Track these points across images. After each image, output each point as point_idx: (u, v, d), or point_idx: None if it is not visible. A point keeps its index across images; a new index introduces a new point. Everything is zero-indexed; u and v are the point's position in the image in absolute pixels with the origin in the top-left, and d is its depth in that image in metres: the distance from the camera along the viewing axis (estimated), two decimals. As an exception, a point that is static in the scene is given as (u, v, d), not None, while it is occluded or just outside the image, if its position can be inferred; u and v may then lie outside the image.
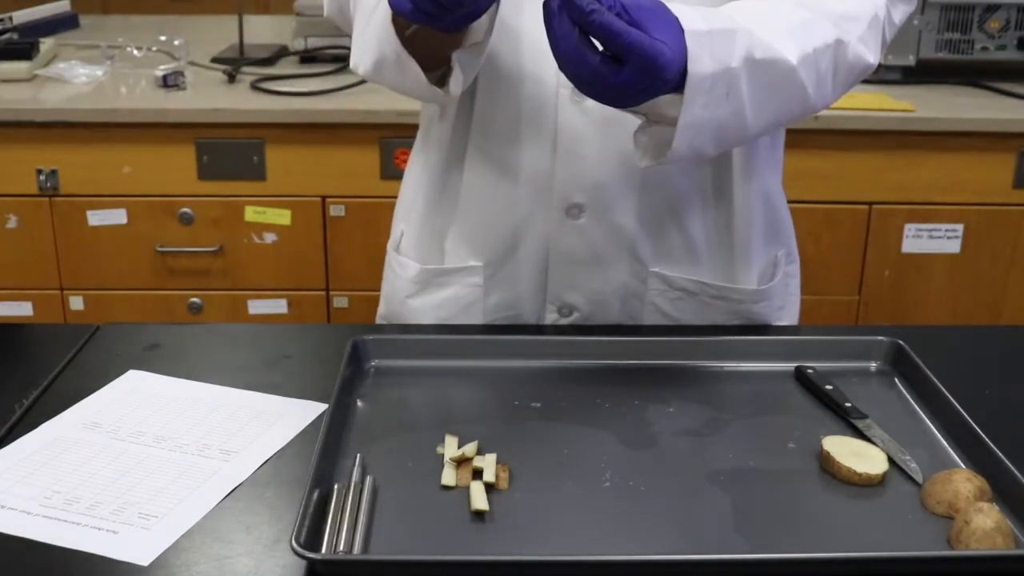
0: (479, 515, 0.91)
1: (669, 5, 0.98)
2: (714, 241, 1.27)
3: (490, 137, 1.22)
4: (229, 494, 0.95)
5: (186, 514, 0.92)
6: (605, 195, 1.22)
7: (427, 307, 1.31)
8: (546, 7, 0.93)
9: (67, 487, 0.95)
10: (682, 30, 0.97)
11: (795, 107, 1.10)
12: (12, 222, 2.39)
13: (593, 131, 1.19)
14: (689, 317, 1.28)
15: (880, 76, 2.58)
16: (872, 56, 1.13)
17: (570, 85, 1.04)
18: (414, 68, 1.10)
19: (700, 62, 0.98)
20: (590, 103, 1.15)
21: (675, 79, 0.97)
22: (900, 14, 1.18)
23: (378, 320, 1.41)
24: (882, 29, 1.15)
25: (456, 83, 1.12)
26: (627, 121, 1.10)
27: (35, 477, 0.97)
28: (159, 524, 0.90)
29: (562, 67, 0.95)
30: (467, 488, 0.94)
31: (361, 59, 1.15)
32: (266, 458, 1.01)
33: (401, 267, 1.34)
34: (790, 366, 1.17)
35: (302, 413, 1.08)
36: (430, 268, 1.31)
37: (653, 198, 1.23)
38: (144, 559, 0.86)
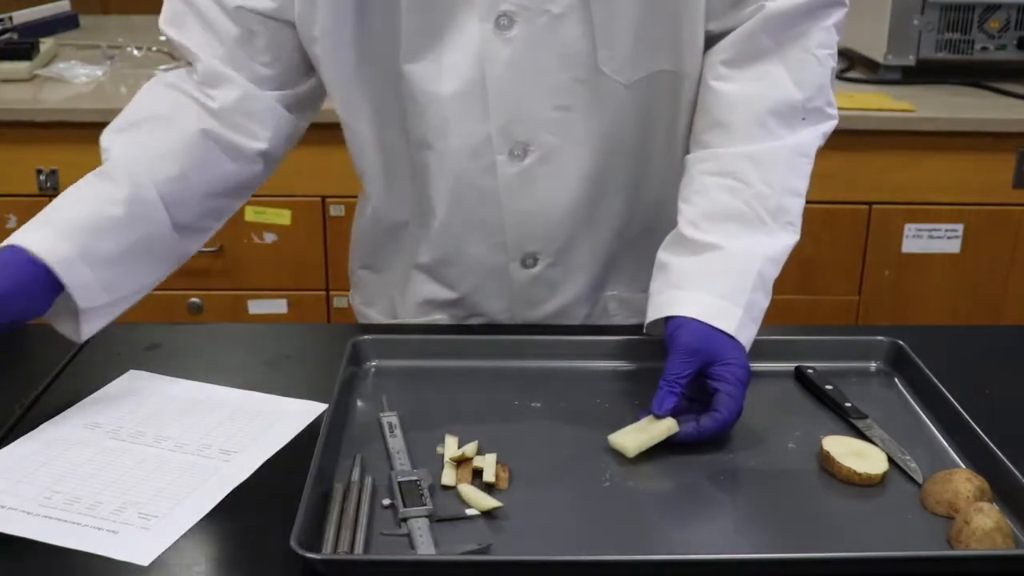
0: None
1: (696, 294, 1.08)
2: None
3: (432, 210, 1.23)
4: (229, 494, 0.95)
5: (186, 514, 0.91)
6: (557, 240, 1.24)
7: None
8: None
9: (67, 487, 0.95)
10: (737, 342, 1.06)
11: None
12: (12, 222, 2.38)
13: (534, 185, 1.20)
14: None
15: (880, 76, 2.58)
16: (834, 116, 1.21)
17: (505, 152, 1.17)
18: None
19: (748, 340, 1.08)
20: (528, 161, 1.18)
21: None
22: (839, 34, 1.20)
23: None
24: (833, 71, 1.20)
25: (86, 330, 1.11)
26: (566, 168, 1.18)
27: (35, 477, 0.97)
28: (159, 524, 0.90)
29: None
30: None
31: None
32: (266, 458, 1.01)
33: (365, 318, 1.40)
34: (790, 366, 1.17)
35: (302, 413, 1.08)
36: (391, 323, 1.35)
37: (605, 234, 1.26)
38: (144, 559, 0.86)
